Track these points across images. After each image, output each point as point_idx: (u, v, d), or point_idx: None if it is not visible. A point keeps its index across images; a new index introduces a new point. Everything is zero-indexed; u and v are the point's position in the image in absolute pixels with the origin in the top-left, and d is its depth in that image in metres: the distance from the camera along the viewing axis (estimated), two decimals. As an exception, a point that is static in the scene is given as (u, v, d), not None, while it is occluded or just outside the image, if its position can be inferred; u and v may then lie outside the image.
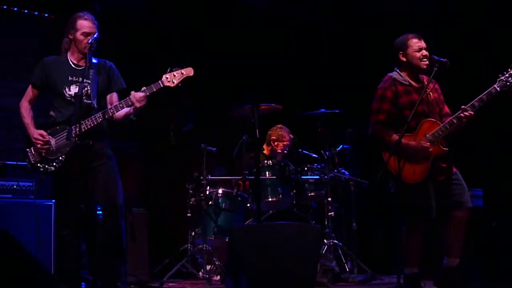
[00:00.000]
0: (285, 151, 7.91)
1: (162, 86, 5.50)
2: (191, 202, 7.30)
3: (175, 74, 5.51)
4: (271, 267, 4.93)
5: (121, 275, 5.54)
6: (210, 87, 8.46)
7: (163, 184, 8.73)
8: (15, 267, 4.61)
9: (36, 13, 8.00)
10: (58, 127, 5.54)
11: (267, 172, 7.13)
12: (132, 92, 5.45)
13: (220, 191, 7.18)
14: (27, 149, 5.53)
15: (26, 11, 7.94)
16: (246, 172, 7.06)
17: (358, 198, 7.82)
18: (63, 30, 7.73)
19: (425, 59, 5.52)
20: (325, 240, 7.26)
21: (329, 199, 7.39)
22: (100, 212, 6.71)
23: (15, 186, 6.55)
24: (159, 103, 5.92)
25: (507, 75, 5.30)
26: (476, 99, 5.34)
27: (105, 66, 5.81)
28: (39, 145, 5.46)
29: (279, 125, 7.97)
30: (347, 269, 7.37)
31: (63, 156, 5.46)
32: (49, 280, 4.84)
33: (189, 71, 5.54)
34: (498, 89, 5.29)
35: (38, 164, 5.48)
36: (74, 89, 5.60)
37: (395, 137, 5.42)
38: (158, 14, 8.42)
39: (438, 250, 5.62)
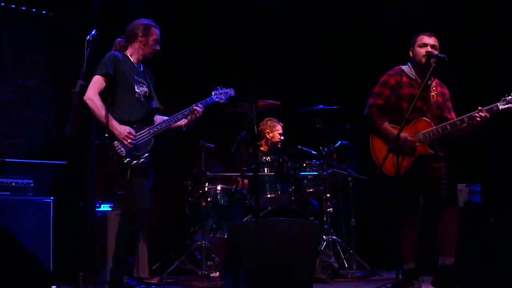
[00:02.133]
0: (282, 138, 7.92)
1: (214, 101, 6.04)
2: (190, 199, 7.30)
3: (221, 92, 6.07)
4: (270, 263, 4.93)
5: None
6: (208, 83, 8.45)
7: (162, 181, 8.73)
8: (13, 264, 4.61)
9: (34, 10, 8.00)
10: (135, 125, 5.63)
11: (265, 169, 7.12)
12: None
13: (219, 187, 7.17)
14: (113, 143, 5.50)
15: (24, 8, 7.94)
16: (245, 168, 7.07)
17: (356, 194, 7.83)
18: (61, 27, 7.74)
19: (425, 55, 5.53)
20: (324, 236, 7.26)
21: (328, 195, 7.39)
22: (102, 209, 6.79)
23: (13, 183, 6.54)
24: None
25: None
26: (477, 111, 5.35)
27: (151, 75, 6.06)
28: (129, 141, 5.51)
29: (266, 118, 7.99)
30: (346, 265, 7.38)
31: (148, 153, 5.60)
32: (47, 277, 4.85)
33: (231, 92, 6.12)
34: (499, 108, 5.30)
35: (126, 159, 5.50)
36: (139, 89, 5.78)
37: (387, 125, 5.48)
38: (156, 12, 8.40)
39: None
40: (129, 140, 5.49)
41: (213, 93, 6.06)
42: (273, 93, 7.30)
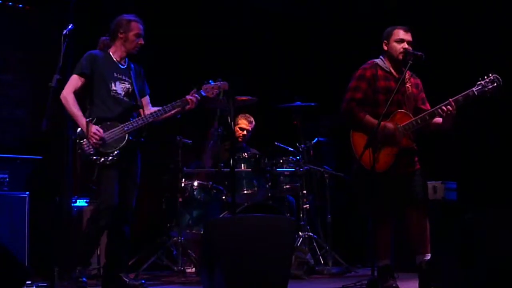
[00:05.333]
0: (240, 131, 7.90)
1: (204, 95, 5.96)
2: (166, 195, 7.29)
3: (213, 86, 5.96)
4: (246, 259, 4.93)
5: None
6: (185, 79, 8.43)
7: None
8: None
9: (10, 3, 7.93)
10: (109, 123, 5.66)
11: (242, 165, 7.12)
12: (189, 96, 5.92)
13: (195, 183, 7.18)
14: (81, 141, 5.59)
15: (0, 1, 7.86)
16: (222, 164, 7.07)
17: (333, 190, 7.84)
18: (38, 21, 7.66)
19: (402, 52, 5.53)
20: (300, 233, 7.28)
21: (304, 191, 7.41)
22: (78, 204, 6.74)
23: (-12, 178, 6.49)
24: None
25: (487, 80, 5.33)
26: (453, 98, 5.36)
27: (139, 70, 6.08)
28: (94, 140, 5.54)
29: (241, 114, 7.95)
30: (322, 262, 7.41)
31: (118, 151, 5.62)
32: (22, 272, 4.82)
33: (224, 85, 5.97)
34: (476, 93, 5.33)
35: (94, 157, 5.58)
36: (118, 86, 5.79)
37: (369, 118, 5.43)
38: (133, 4, 8.37)
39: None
40: (94, 140, 5.54)
41: (203, 87, 6.00)
42: (250, 89, 7.30)
